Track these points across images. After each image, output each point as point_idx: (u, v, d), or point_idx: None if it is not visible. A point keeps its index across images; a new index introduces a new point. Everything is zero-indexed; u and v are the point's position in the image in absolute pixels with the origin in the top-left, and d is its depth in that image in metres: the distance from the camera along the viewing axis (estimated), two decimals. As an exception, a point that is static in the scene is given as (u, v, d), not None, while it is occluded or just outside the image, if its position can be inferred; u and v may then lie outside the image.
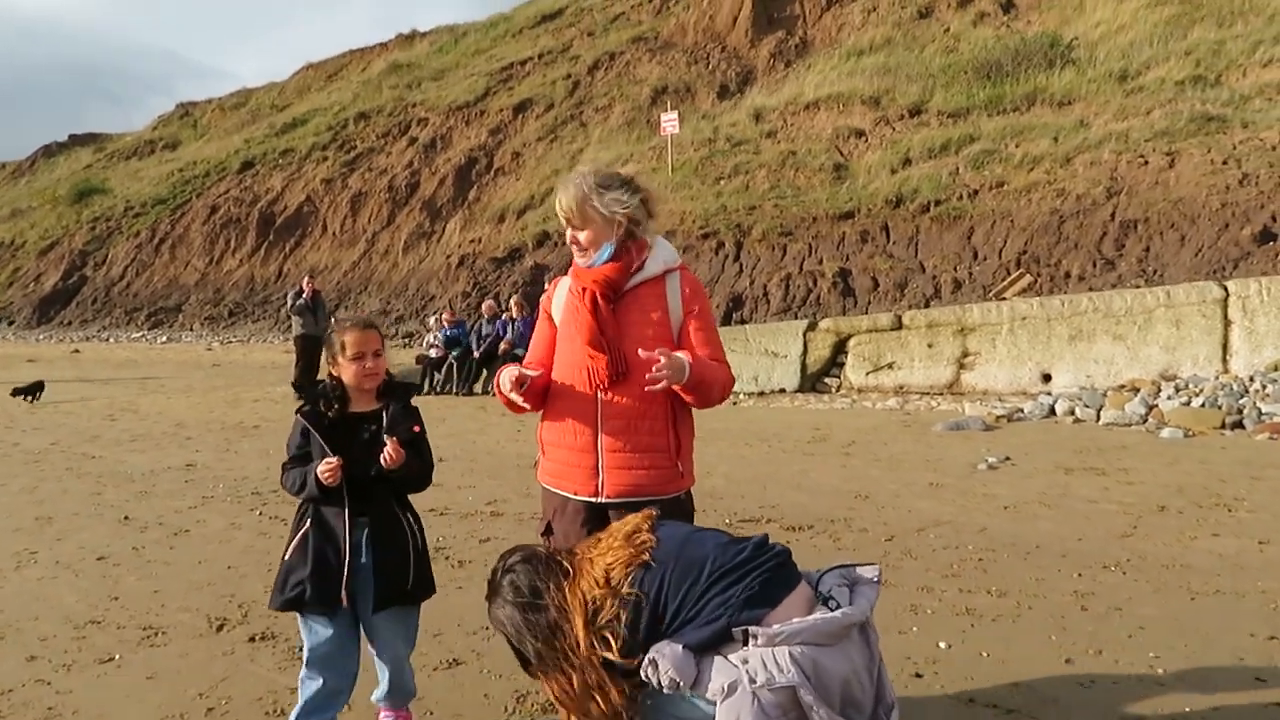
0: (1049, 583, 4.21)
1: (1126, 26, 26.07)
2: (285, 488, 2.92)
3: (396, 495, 2.91)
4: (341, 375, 2.88)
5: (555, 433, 2.79)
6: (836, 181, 22.65)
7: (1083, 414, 9.28)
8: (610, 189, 2.72)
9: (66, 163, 57.21)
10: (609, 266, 2.71)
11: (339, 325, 2.94)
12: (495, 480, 7.05)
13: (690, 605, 2.20)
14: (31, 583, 4.60)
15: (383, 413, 2.89)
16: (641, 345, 2.61)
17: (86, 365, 21.54)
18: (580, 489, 2.73)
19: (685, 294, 2.76)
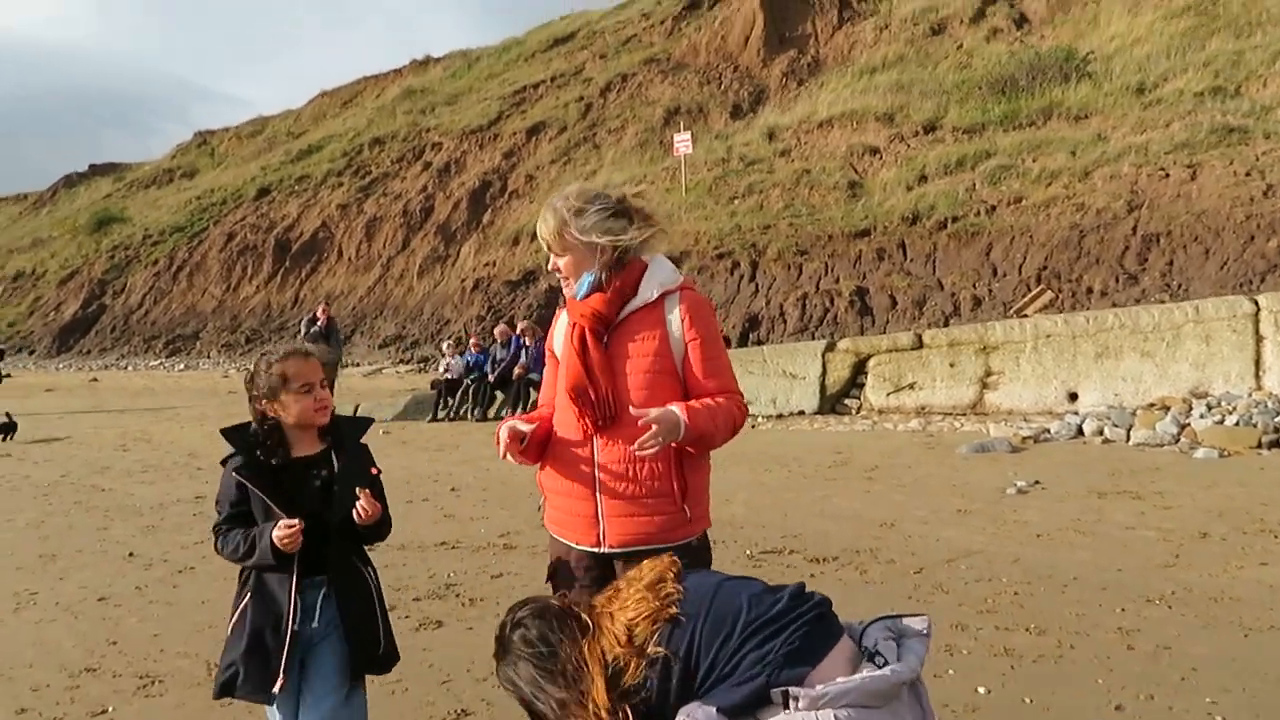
0: (1090, 619, 3.99)
1: (1142, 39, 25.85)
2: (223, 554, 2.51)
3: (354, 547, 2.59)
4: (283, 414, 2.51)
5: (554, 479, 2.61)
6: (852, 199, 22.48)
7: (1112, 434, 9.02)
8: (588, 212, 2.50)
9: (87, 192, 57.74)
10: (597, 299, 2.50)
11: (270, 358, 2.56)
12: (508, 511, 6.87)
13: (724, 662, 1.99)
14: (29, 626, 4.45)
15: (331, 455, 2.55)
16: (639, 380, 2.43)
17: (104, 394, 21.54)
18: (581, 539, 2.53)
19: (685, 317, 2.51)
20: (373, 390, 18.40)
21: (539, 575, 5.05)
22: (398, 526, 6.21)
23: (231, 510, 2.52)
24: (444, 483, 8.20)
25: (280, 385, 2.49)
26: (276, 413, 2.51)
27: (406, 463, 9.54)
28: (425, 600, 4.64)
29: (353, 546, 2.58)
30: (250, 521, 2.50)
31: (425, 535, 6.07)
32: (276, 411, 2.50)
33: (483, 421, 13.34)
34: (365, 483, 2.52)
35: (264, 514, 2.47)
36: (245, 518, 2.50)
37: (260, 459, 2.50)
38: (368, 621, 2.55)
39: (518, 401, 13.23)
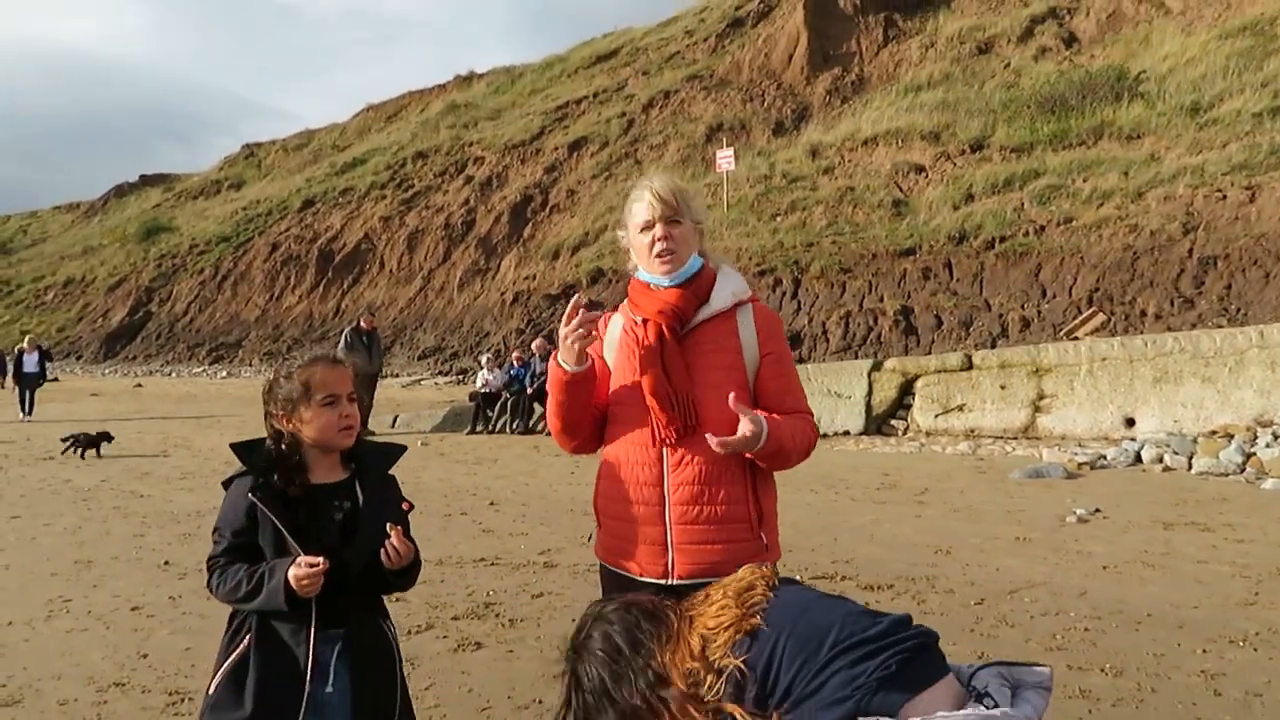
0: (1170, 660, 3.73)
1: (1196, 59, 25.28)
2: (219, 594, 2.09)
3: (374, 596, 2.21)
4: (302, 432, 2.13)
5: (613, 501, 2.33)
6: (896, 218, 22.17)
7: (1173, 462, 8.68)
8: (693, 194, 2.33)
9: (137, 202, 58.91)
10: (675, 293, 2.25)
11: (292, 364, 2.19)
12: (548, 527, 6.71)
13: (805, 681, 1.75)
14: (60, 636, 4.35)
15: (354, 483, 2.19)
16: (713, 394, 2.19)
17: (147, 399, 21.77)
18: (646, 569, 2.25)
19: (760, 331, 2.30)
20: (411, 401, 18.39)
21: (582, 596, 4.89)
22: (436, 541, 6.12)
23: (233, 540, 2.11)
24: (482, 496, 8.06)
25: (301, 396, 2.13)
26: (296, 429, 2.14)
27: (444, 475, 9.42)
28: (464, 619, 4.48)
29: (377, 599, 2.23)
30: (255, 556, 2.11)
31: (464, 551, 5.92)
32: (295, 428, 2.14)
33: (524, 435, 13.20)
34: (396, 519, 2.17)
35: (275, 548, 2.08)
36: (249, 551, 2.11)
37: (275, 482, 2.11)
38: (386, 690, 2.18)
39: (556, 416, 13.09)
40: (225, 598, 2.10)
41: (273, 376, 2.22)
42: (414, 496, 2.32)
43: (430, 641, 4.15)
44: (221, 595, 2.10)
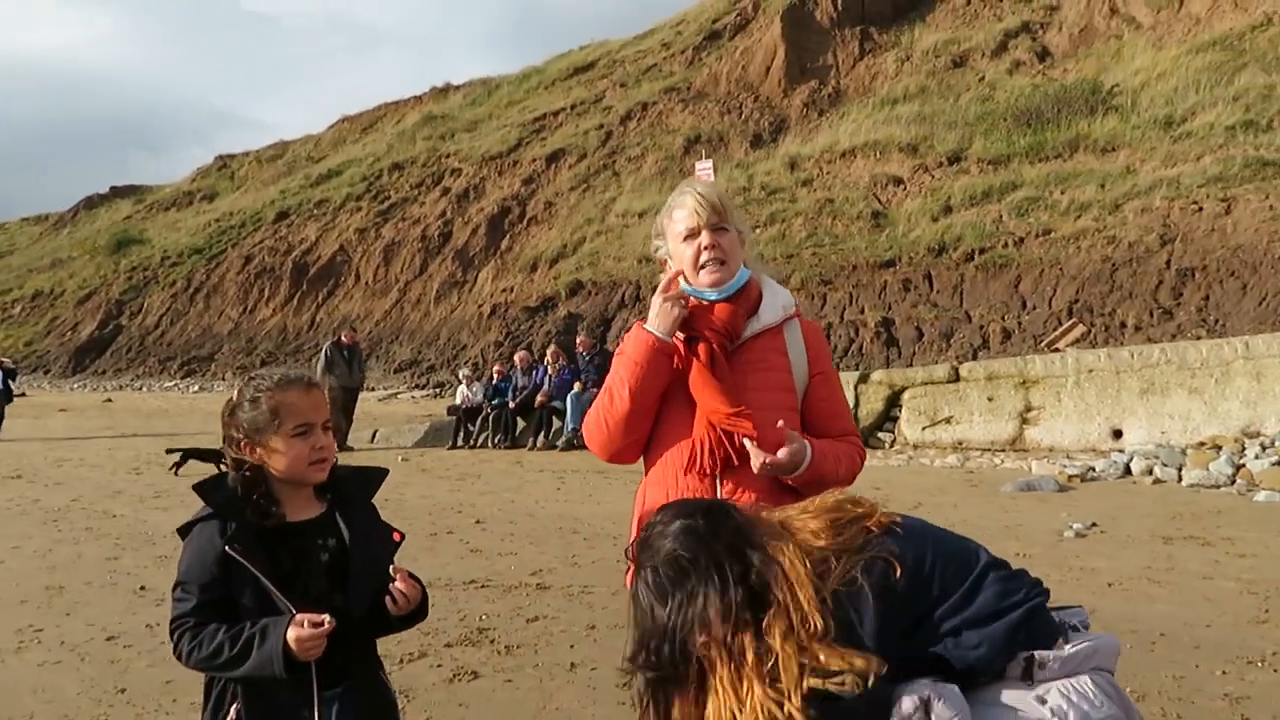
0: (1191, 682, 3.63)
1: (1168, 73, 25.58)
2: (192, 661, 1.80)
3: (371, 647, 2.00)
4: (269, 463, 1.88)
5: None
6: (876, 229, 22.22)
7: (1163, 474, 8.64)
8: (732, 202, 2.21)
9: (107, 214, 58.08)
10: (725, 308, 2.10)
11: (260, 385, 1.91)
12: (538, 546, 6.54)
13: (958, 584, 1.60)
14: (31, 669, 4.14)
15: (335, 516, 1.94)
16: (766, 416, 2.04)
17: (118, 415, 21.34)
18: None
19: (810, 348, 2.18)
20: (389, 415, 18.14)
21: (578, 619, 4.74)
22: (423, 561, 5.93)
23: (203, 597, 1.81)
24: (468, 514, 7.88)
25: (269, 423, 1.85)
26: (261, 460, 1.88)
27: (428, 492, 9.22)
28: (458, 647, 4.30)
29: (370, 646, 2.00)
30: (229, 613, 1.82)
31: (453, 572, 5.74)
32: (261, 459, 1.87)
33: (508, 450, 13.00)
34: (384, 557, 1.93)
35: (257, 601, 1.81)
36: (222, 606, 1.82)
37: (248, 523, 1.84)
38: None
39: (539, 429, 12.93)
40: (201, 665, 1.81)
41: (235, 397, 1.94)
42: (398, 515, 2.12)
43: (424, 671, 3.98)
44: (195, 662, 1.81)
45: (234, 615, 1.82)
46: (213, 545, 1.83)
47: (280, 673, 1.74)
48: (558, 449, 12.56)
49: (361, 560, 1.90)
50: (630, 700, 1.75)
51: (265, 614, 1.81)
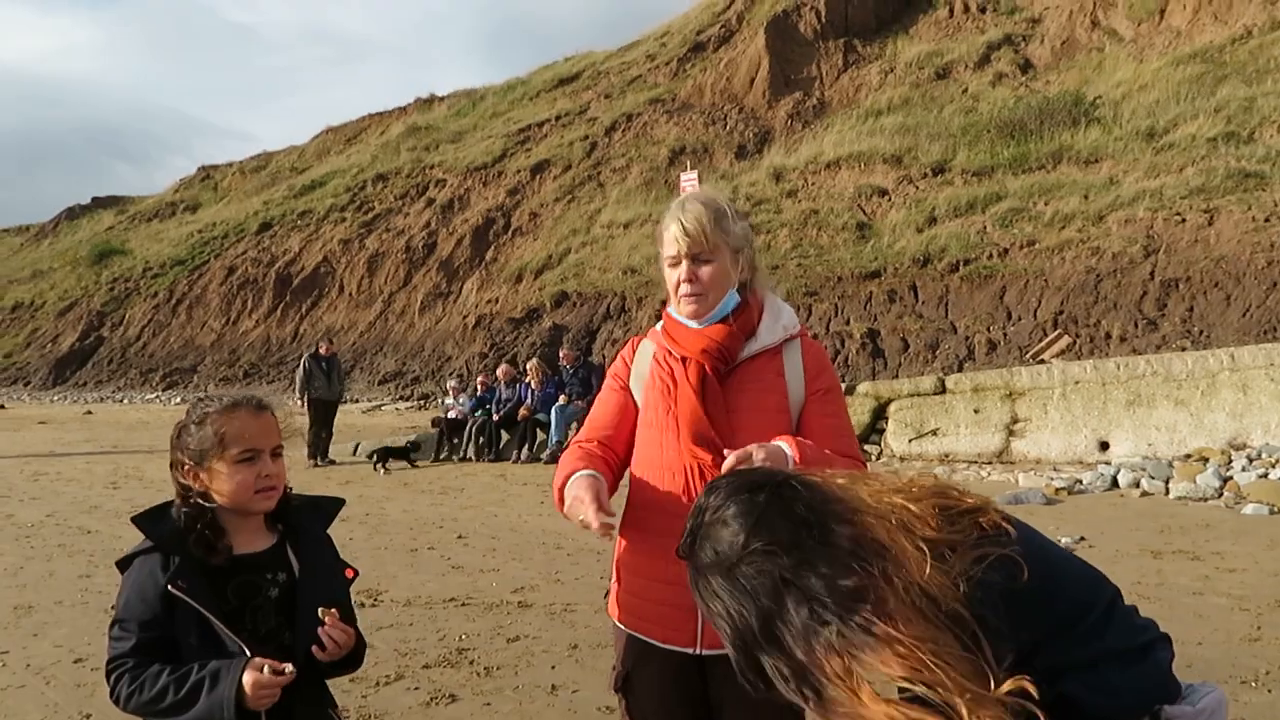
0: (1185, 703, 3.55)
1: (1149, 85, 25.77)
2: (132, 706, 1.70)
3: (323, 687, 1.88)
4: (215, 490, 1.77)
5: (637, 556, 2.06)
6: (861, 240, 22.24)
7: (1150, 486, 8.60)
8: (733, 216, 2.05)
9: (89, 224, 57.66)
10: (719, 329, 2.01)
11: (207, 407, 1.81)
12: (520, 562, 6.43)
13: (1090, 607, 1.39)
14: (-6, 694, 4.01)
15: (285, 549, 1.84)
16: (754, 439, 1.91)
17: (98, 427, 21.10)
18: (670, 636, 1.98)
19: (809, 368, 2.06)
20: (372, 427, 17.97)
21: (559, 639, 4.64)
22: (402, 579, 5.81)
23: (143, 636, 1.70)
24: (449, 529, 7.76)
25: (214, 448, 1.75)
26: (205, 487, 1.78)
27: (409, 506, 9.10)
28: (435, 668, 4.19)
29: (322, 687, 1.88)
30: (171, 653, 1.71)
31: (433, 590, 5.63)
32: (205, 485, 1.78)
33: (493, 463, 12.86)
34: (334, 594, 1.83)
35: (201, 640, 1.70)
36: (162, 646, 1.71)
37: (192, 555, 1.73)
38: None
39: (523, 441, 12.82)
40: (141, 709, 1.69)
41: (183, 419, 1.84)
42: (379, 530, 2.01)
43: (400, 694, 3.87)
44: (135, 706, 1.69)
45: (176, 656, 1.72)
46: (154, 581, 1.73)
47: (226, 716, 1.64)
48: (542, 461, 12.45)
49: (309, 596, 1.80)
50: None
51: (211, 653, 1.70)
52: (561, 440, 12.64)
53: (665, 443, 2.02)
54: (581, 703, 3.73)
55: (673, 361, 2.05)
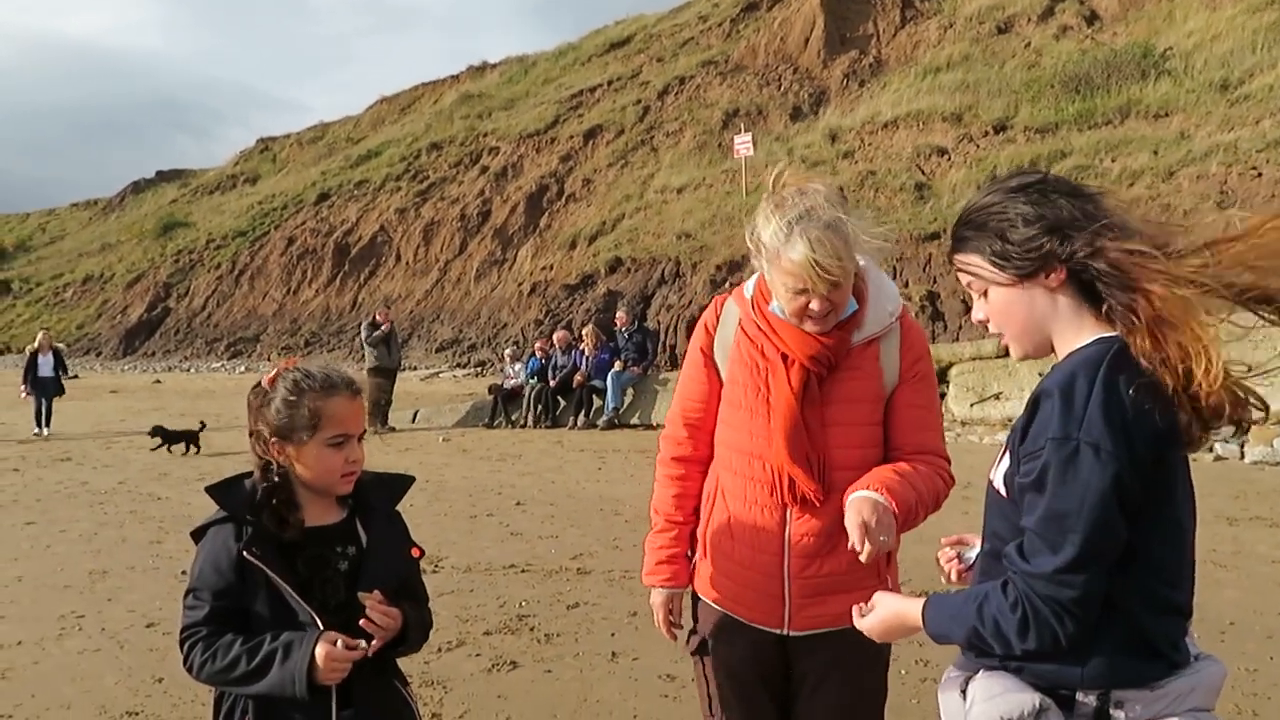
0: (1267, 675, 3.44)
1: (1223, 35, 24.73)
2: (204, 674, 1.69)
3: (391, 660, 1.85)
4: (299, 468, 1.76)
5: (723, 537, 2.02)
6: (919, 201, 21.77)
7: (1223, 450, 8.35)
8: (850, 214, 1.85)
9: (153, 198, 58.96)
10: (831, 336, 1.90)
11: (302, 381, 1.77)
12: (579, 529, 6.45)
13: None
14: (72, 656, 4.13)
15: (355, 524, 1.83)
16: (855, 435, 1.89)
17: (166, 396, 21.67)
18: (759, 618, 1.98)
19: (905, 353, 1.96)
20: (430, 394, 18.19)
21: (619, 607, 4.64)
22: (462, 545, 5.86)
23: (216, 605, 1.70)
24: (508, 495, 7.82)
25: (306, 427, 1.73)
26: (288, 462, 1.76)
27: (468, 473, 9.19)
28: (496, 635, 4.23)
29: (390, 660, 1.84)
30: (241, 623, 1.71)
31: (492, 556, 5.67)
32: (288, 460, 1.76)
33: (550, 429, 12.90)
34: (401, 570, 1.83)
35: (273, 611, 1.70)
36: (235, 616, 1.71)
37: (266, 528, 1.72)
38: None
39: (580, 408, 12.85)
40: (213, 678, 1.69)
41: (267, 386, 1.80)
42: (439, 497, 2.00)
43: (462, 661, 3.90)
44: (207, 675, 1.69)
45: (247, 626, 1.72)
46: (227, 550, 1.72)
47: (302, 694, 1.63)
48: (598, 428, 12.48)
49: (375, 571, 1.79)
50: (672, 693, 1.57)
51: (281, 624, 1.70)
52: (617, 406, 12.66)
53: (755, 429, 1.96)
54: (642, 671, 3.73)
55: (769, 353, 1.95)
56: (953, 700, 1.45)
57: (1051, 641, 1.30)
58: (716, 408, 2.06)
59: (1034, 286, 1.42)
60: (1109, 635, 1.32)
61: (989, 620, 1.34)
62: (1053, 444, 1.29)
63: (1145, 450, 1.29)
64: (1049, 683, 1.34)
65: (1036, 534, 1.31)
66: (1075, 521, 1.27)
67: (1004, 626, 1.33)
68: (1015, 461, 1.39)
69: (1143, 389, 1.29)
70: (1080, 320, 1.41)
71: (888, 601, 1.58)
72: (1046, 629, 1.29)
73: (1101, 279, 1.37)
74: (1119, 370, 1.31)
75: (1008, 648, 1.34)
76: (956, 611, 1.41)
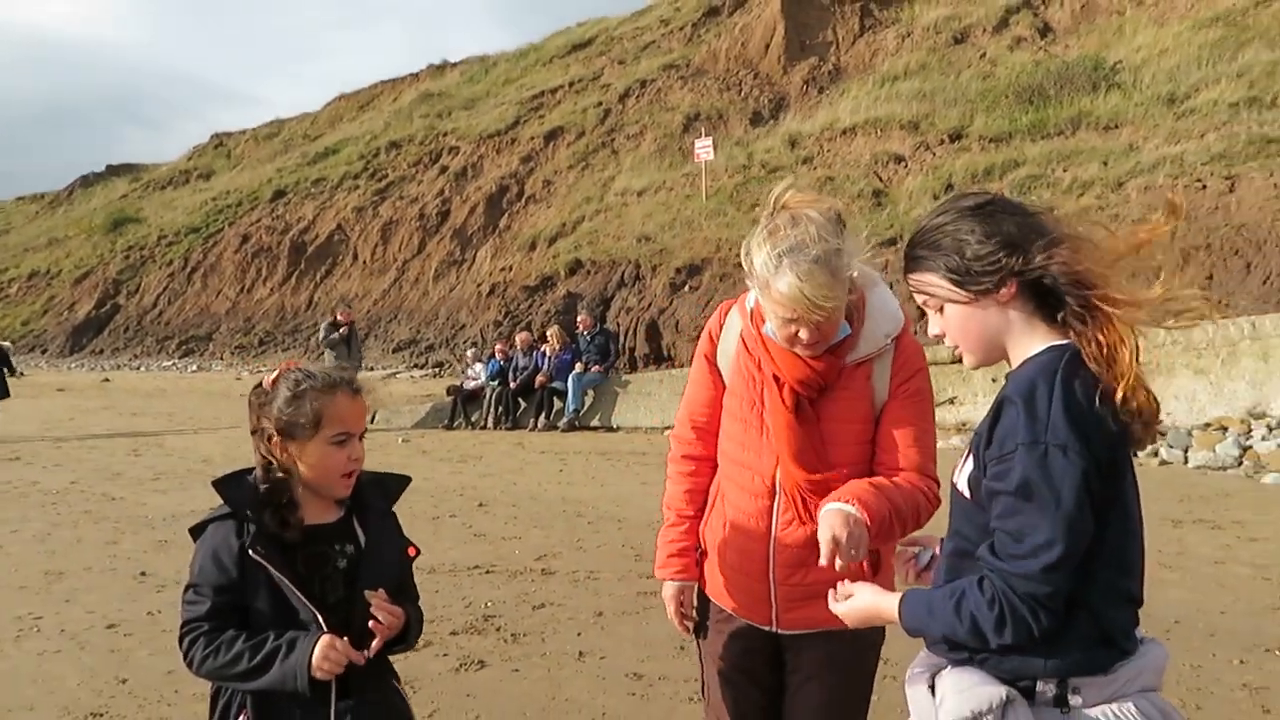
0: (1209, 671, 3.58)
1: (1170, 50, 25.38)
2: (205, 669, 1.73)
3: (385, 658, 1.90)
4: (302, 466, 1.79)
5: (718, 537, 2.11)
6: (877, 208, 22.06)
7: (1169, 455, 8.60)
8: (840, 237, 1.88)
9: (103, 192, 57.77)
10: (822, 361, 1.95)
11: (305, 382, 1.80)
12: (542, 530, 6.48)
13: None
14: (31, 659, 4.08)
15: (352, 523, 1.87)
16: (847, 453, 1.95)
17: (116, 394, 21.27)
18: (750, 614, 2.09)
19: (897, 371, 2.00)
20: (387, 396, 18.06)
21: (585, 607, 4.69)
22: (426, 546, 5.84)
23: (217, 600, 1.73)
24: (470, 497, 7.83)
25: (309, 425, 1.76)
26: (294, 460, 1.79)
27: (429, 474, 9.16)
28: (463, 635, 4.25)
29: (384, 659, 1.89)
30: (241, 619, 1.75)
31: (456, 557, 5.69)
32: (290, 459, 1.79)
33: (510, 431, 12.89)
34: (398, 569, 1.88)
35: (274, 608, 1.74)
36: (235, 612, 1.75)
37: (268, 526, 1.75)
38: None
39: (540, 410, 12.86)
40: (214, 673, 1.73)
41: (269, 385, 1.82)
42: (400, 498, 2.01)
43: (430, 660, 3.92)
44: (208, 670, 1.72)
45: (246, 621, 1.76)
46: (228, 546, 1.76)
47: (304, 689, 1.68)
48: (559, 430, 12.50)
49: (373, 569, 1.84)
50: (639, 691, 1.65)
51: (281, 621, 1.74)
52: (579, 408, 12.69)
53: (747, 441, 2.03)
54: (609, 669, 3.78)
55: (765, 369, 2.01)
56: (921, 694, 1.52)
57: (1027, 635, 1.38)
58: (721, 411, 2.13)
59: (988, 303, 1.51)
60: (1072, 628, 1.40)
61: (966, 616, 1.42)
62: (1023, 449, 1.37)
63: (1102, 449, 1.38)
64: (1013, 675, 1.43)
65: (1010, 534, 1.39)
66: (1052, 521, 1.36)
67: (981, 622, 1.40)
68: (980, 465, 1.47)
69: (1096, 392, 1.39)
70: (1032, 330, 1.50)
71: (866, 593, 1.65)
72: (1023, 624, 1.37)
73: (1059, 288, 1.46)
74: (1074, 375, 1.41)
75: (983, 642, 1.41)
76: (933, 607, 1.49)
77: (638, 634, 4.19)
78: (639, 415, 12.54)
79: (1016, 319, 1.51)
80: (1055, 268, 1.46)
